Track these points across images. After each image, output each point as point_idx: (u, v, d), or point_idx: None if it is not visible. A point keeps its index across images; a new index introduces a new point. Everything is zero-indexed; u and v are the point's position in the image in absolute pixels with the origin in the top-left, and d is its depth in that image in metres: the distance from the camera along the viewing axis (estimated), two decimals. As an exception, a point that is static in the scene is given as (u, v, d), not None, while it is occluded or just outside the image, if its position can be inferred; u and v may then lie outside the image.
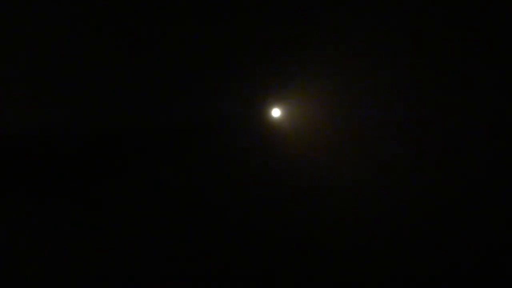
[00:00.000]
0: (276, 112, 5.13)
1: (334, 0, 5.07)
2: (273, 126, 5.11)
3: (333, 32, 5.10)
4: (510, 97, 5.03)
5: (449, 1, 5.02)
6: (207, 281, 4.76)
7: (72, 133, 5.14)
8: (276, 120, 5.11)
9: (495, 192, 4.95)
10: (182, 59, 5.21)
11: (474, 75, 5.05)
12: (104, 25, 5.17)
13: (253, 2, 5.12)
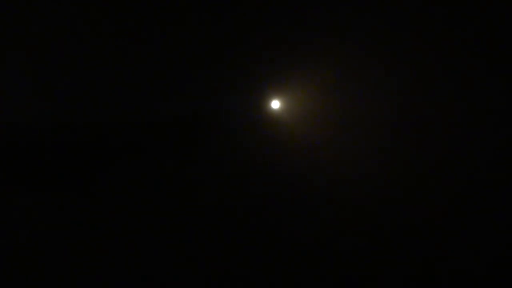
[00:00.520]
0: (275, 104, 5.11)
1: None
2: (273, 118, 5.12)
3: (333, 24, 5.15)
4: (510, 96, 5.08)
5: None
6: (207, 280, 4.71)
7: (72, 128, 5.16)
8: (276, 112, 5.10)
9: (495, 192, 4.95)
10: (181, 52, 5.23)
11: (475, 72, 5.09)
12: (103, 19, 5.21)
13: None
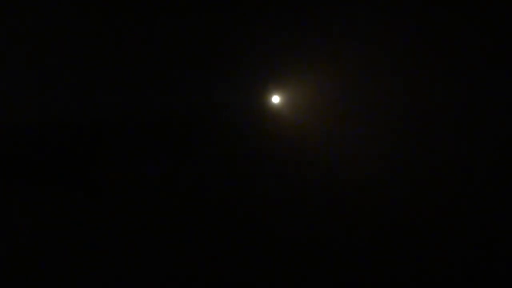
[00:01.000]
0: (276, 99, 5.10)
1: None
2: (274, 113, 5.09)
3: (334, 19, 5.11)
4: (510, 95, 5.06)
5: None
6: (207, 280, 4.70)
7: (69, 125, 5.09)
8: (276, 107, 5.09)
9: (496, 191, 4.95)
10: (180, 49, 5.18)
11: (477, 69, 5.08)
12: (102, 18, 5.14)
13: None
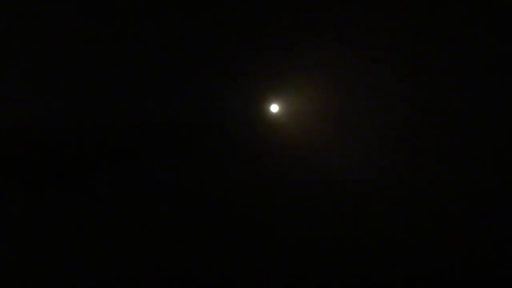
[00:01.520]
0: (275, 108, 5.12)
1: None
2: (272, 122, 5.11)
3: (333, 27, 5.11)
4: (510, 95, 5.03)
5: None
6: (207, 280, 4.76)
7: (72, 129, 5.14)
8: (275, 116, 5.10)
9: (496, 192, 4.92)
10: (180, 56, 5.22)
11: (476, 71, 5.06)
12: (103, 20, 5.19)
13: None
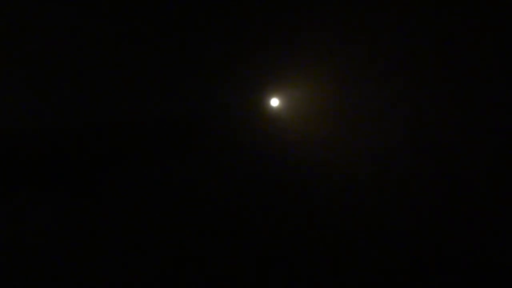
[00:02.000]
0: (275, 102, 5.11)
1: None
2: (272, 116, 5.11)
3: (333, 21, 5.13)
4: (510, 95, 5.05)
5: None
6: (207, 280, 4.72)
7: (71, 128, 5.13)
8: (275, 110, 5.10)
9: (495, 192, 4.94)
10: (179, 51, 5.21)
11: (475, 70, 5.08)
12: (101, 19, 5.19)
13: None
